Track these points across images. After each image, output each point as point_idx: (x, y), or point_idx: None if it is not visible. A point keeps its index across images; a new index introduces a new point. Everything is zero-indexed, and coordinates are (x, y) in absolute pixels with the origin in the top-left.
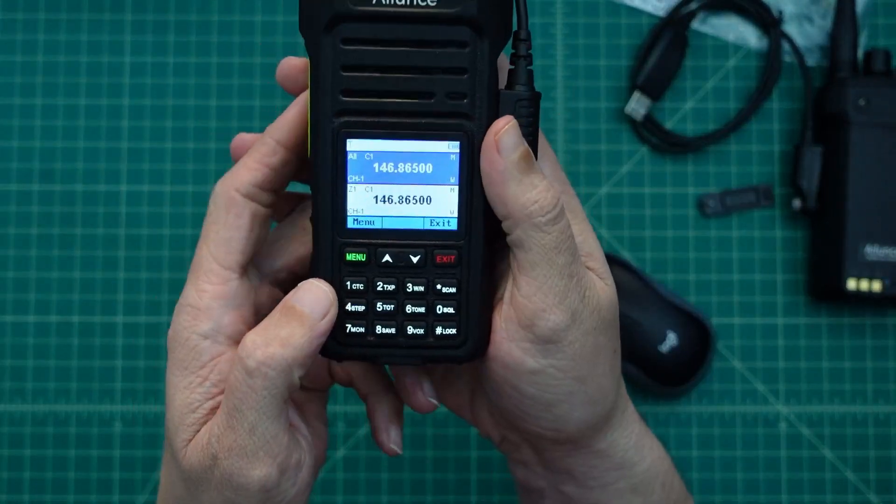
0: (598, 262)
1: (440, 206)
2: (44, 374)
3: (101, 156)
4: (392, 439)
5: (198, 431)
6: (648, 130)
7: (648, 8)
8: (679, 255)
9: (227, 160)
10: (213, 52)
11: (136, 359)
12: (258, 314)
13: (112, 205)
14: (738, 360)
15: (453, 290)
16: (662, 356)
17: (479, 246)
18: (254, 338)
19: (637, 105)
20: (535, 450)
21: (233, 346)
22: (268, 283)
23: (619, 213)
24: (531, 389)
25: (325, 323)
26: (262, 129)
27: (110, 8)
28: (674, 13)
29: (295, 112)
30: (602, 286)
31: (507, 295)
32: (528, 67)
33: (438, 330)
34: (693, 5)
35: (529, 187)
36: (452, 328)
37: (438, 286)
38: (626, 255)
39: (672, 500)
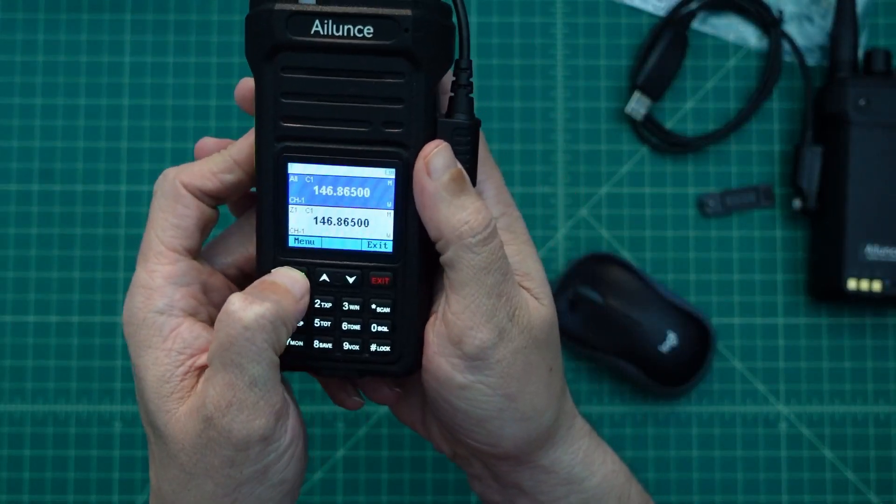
0: (536, 282)
1: (377, 229)
2: (44, 374)
3: (101, 156)
4: (351, 394)
5: (179, 399)
6: (648, 130)
7: (648, 8)
8: (679, 255)
9: None
10: (212, 52)
11: None
12: (208, 293)
13: (112, 205)
14: (738, 360)
15: (387, 310)
16: (662, 356)
17: (414, 268)
18: (243, 296)
19: (637, 105)
20: (484, 464)
21: (189, 318)
22: (220, 272)
23: (619, 213)
24: (462, 404)
25: (304, 303)
26: None
27: (110, 8)
28: (674, 13)
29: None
30: (536, 305)
31: (439, 310)
32: (469, 95)
33: (373, 347)
34: (693, 5)
35: (459, 209)
36: (386, 346)
37: (373, 306)
38: (626, 255)
39: None
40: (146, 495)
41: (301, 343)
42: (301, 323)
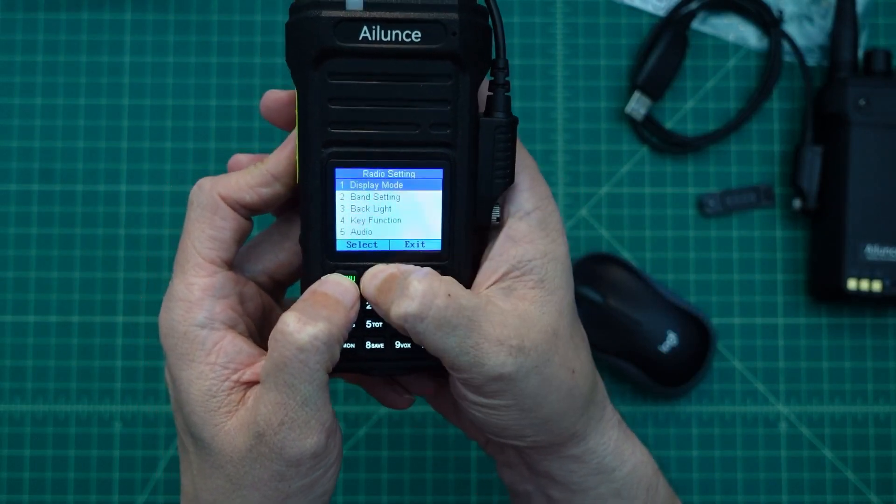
0: (546, 287)
1: (425, 228)
2: (44, 374)
3: (101, 156)
4: (401, 392)
5: (227, 413)
6: (648, 130)
7: (648, 8)
8: (679, 255)
9: (226, 160)
10: (213, 52)
11: (136, 359)
12: (244, 303)
13: (112, 205)
14: (738, 360)
15: None
16: (662, 356)
17: (461, 264)
18: (298, 316)
19: (637, 105)
20: (517, 452)
21: (230, 331)
22: (252, 280)
23: (619, 213)
24: (479, 416)
25: (354, 311)
26: (261, 130)
27: (110, 8)
28: (674, 13)
29: (292, 147)
30: (536, 319)
31: None
32: (506, 94)
33: None
34: (693, 5)
35: (405, 302)
36: None
37: None
38: (626, 255)
39: (658, 503)
40: (146, 495)
41: (353, 345)
42: (353, 325)
